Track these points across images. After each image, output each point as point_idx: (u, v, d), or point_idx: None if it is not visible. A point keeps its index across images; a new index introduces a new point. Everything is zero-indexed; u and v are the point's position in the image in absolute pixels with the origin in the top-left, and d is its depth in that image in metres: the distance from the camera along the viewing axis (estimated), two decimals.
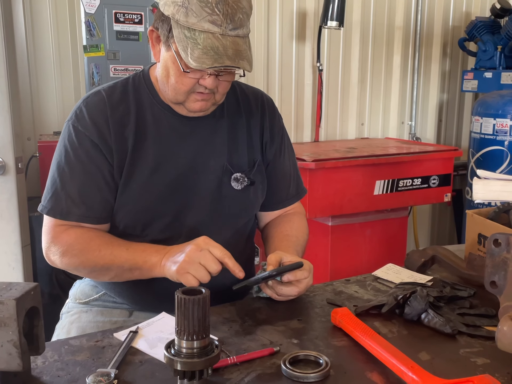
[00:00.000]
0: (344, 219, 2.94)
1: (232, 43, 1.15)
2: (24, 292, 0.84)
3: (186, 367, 0.84)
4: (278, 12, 3.36)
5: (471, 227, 1.40)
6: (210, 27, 1.13)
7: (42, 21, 2.78)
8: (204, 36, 1.13)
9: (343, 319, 1.06)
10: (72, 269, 1.30)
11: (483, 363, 0.96)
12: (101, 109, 1.28)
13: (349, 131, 3.74)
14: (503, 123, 3.25)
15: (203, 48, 1.13)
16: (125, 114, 1.29)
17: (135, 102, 1.31)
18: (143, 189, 1.29)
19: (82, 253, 1.25)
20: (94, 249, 1.24)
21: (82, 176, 1.27)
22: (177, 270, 1.12)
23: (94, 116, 1.27)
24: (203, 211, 1.33)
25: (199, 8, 1.13)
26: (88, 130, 1.26)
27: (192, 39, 1.13)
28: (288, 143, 1.52)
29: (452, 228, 4.24)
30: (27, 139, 2.78)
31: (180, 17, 1.14)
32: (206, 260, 1.10)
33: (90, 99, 1.30)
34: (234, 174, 1.35)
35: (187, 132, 1.33)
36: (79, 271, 1.31)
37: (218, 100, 1.29)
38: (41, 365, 0.94)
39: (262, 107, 1.44)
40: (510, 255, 0.98)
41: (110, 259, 1.22)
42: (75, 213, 1.27)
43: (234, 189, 1.35)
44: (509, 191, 1.02)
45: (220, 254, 1.12)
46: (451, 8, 3.96)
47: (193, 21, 1.13)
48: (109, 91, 1.31)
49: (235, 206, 1.37)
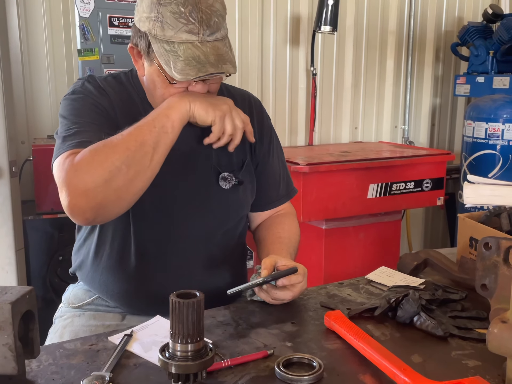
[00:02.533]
0: (338, 222, 2.95)
1: (212, 49, 1.16)
2: (19, 296, 0.85)
3: (180, 370, 0.84)
4: (272, 16, 3.38)
5: (463, 230, 1.41)
6: (188, 37, 1.14)
7: (36, 24, 2.78)
8: (184, 47, 1.14)
9: (336, 322, 1.07)
10: (108, 180, 1.08)
11: (474, 365, 0.97)
12: (100, 90, 1.29)
13: (342, 135, 3.76)
14: (495, 127, 3.28)
15: (184, 60, 1.13)
16: (124, 99, 1.30)
17: (127, 93, 1.33)
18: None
19: (106, 148, 1.11)
20: (113, 139, 1.12)
21: (89, 114, 1.24)
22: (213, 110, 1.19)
23: (97, 91, 1.28)
24: (192, 211, 1.34)
25: (173, 20, 1.14)
26: (94, 95, 1.26)
27: (172, 52, 1.14)
28: (277, 143, 1.53)
29: (445, 231, 4.26)
30: (21, 142, 2.77)
31: (157, 32, 1.15)
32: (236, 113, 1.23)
33: (85, 81, 1.30)
34: (222, 174, 1.36)
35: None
36: (117, 176, 1.09)
37: None
38: (36, 369, 0.94)
39: (250, 108, 1.45)
40: (501, 258, 0.99)
41: (137, 129, 1.13)
42: (91, 140, 1.15)
43: (222, 189, 1.36)
44: (499, 195, 1.03)
45: (244, 116, 1.24)
46: (444, 13, 4.00)
47: (170, 34, 1.14)
48: (102, 79, 1.33)
49: (224, 206, 1.37)
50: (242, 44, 3.29)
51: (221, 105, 1.22)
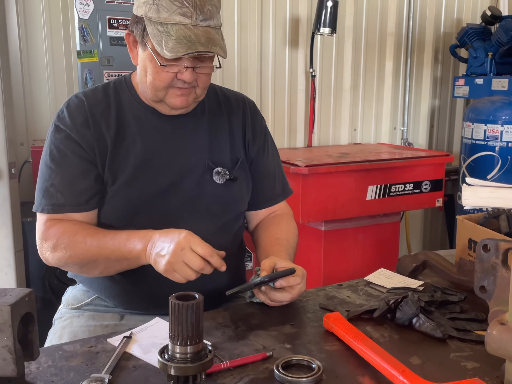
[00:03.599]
0: (337, 224, 2.95)
1: (204, 32, 1.21)
2: (19, 298, 0.85)
3: (179, 372, 0.84)
4: (271, 18, 3.38)
5: (462, 232, 1.41)
6: (181, 19, 1.19)
7: (36, 26, 2.78)
8: (177, 28, 1.19)
9: (335, 324, 1.07)
10: (63, 265, 1.30)
11: (473, 367, 0.97)
12: (81, 109, 1.33)
13: (341, 137, 3.76)
14: (494, 129, 3.28)
15: (176, 38, 1.18)
16: (105, 114, 1.34)
17: (115, 103, 1.36)
18: (126, 186, 1.31)
19: (70, 246, 1.25)
20: (80, 241, 1.24)
21: (66, 167, 1.30)
22: (165, 270, 1.13)
23: (75, 116, 1.32)
24: (186, 207, 1.35)
25: (169, 3, 1.19)
26: (68, 127, 1.31)
27: (165, 33, 1.19)
28: (271, 143, 1.55)
29: (444, 232, 4.27)
30: (20, 144, 2.78)
31: (152, 14, 1.21)
32: (188, 259, 1.11)
33: (71, 101, 1.35)
34: (215, 168, 1.38)
35: (168, 130, 1.36)
36: (70, 267, 1.32)
37: (199, 95, 1.32)
38: (35, 371, 0.94)
39: (244, 107, 1.48)
40: (499, 260, 0.99)
41: (97, 251, 1.23)
42: (65, 204, 1.29)
43: (216, 184, 1.38)
44: (497, 197, 1.03)
45: (202, 252, 1.12)
46: (443, 15, 4.00)
47: (164, 16, 1.19)
48: (90, 93, 1.37)
49: (218, 201, 1.38)
50: (241, 46, 3.29)
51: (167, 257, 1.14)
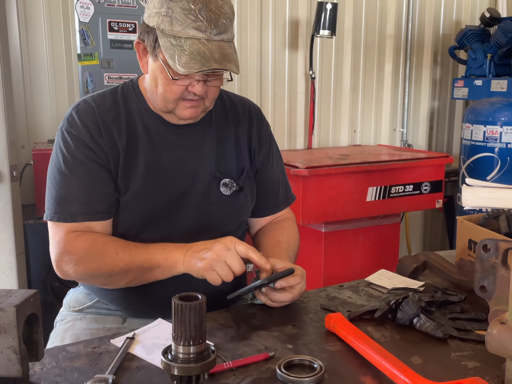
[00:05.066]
0: (337, 225, 2.95)
1: (218, 47, 1.18)
2: (24, 299, 0.85)
3: (183, 372, 0.85)
4: (271, 21, 3.39)
5: (462, 233, 1.42)
6: (195, 34, 1.16)
7: (36, 29, 2.79)
8: (190, 42, 1.16)
9: (336, 324, 1.08)
10: (88, 277, 1.27)
11: (474, 366, 0.98)
12: (91, 115, 1.30)
13: (341, 138, 3.77)
14: (493, 130, 3.29)
15: (190, 54, 1.15)
16: (116, 121, 1.31)
17: (124, 109, 1.33)
18: (137, 196, 1.30)
19: (99, 257, 1.22)
20: (111, 252, 1.22)
21: (83, 174, 1.27)
22: (204, 267, 1.14)
23: (86, 121, 1.29)
24: (192, 216, 1.35)
25: (183, 16, 1.15)
26: (82, 134, 1.28)
27: (178, 47, 1.16)
28: (276, 150, 1.54)
29: (444, 233, 4.27)
30: (21, 147, 2.78)
31: (165, 27, 1.17)
32: (232, 260, 1.13)
33: (81, 106, 1.32)
34: (223, 180, 1.37)
35: (175, 139, 1.35)
36: (95, 279, 1.27)
37: (208, 106, 1.31)
38: (39, 372, 0.95)
39: (250, 115, 1.47)
40: (499, 260, 1.00)
41: (129, 260, 1.21)
42: (84, 212, 1.26)
43: (223, 195, 1.37)
44: (497, 197, 1.04)
45: (245, 250, 1.14)
46: (441, 16, 4.01)
47: (178, 29, 1.16)
48: (99, 98, 1.34)
49: (224, 211, 1.39)
50: (241, 48, 3.30)
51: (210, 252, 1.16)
